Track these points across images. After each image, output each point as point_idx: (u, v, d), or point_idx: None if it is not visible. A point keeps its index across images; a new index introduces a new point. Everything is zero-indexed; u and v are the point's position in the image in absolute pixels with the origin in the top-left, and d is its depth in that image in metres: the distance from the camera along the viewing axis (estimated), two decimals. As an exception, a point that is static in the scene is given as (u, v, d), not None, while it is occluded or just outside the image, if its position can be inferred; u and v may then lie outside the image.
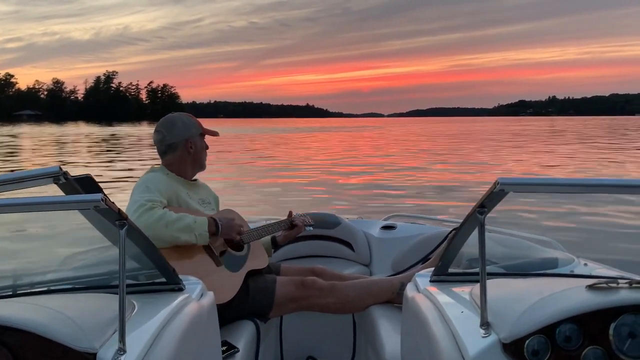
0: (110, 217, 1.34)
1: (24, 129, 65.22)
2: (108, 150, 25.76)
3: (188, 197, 2.57)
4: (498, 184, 1.36)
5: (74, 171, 1.70)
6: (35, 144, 32.69)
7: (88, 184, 1.64)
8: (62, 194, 1.54)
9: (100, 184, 1.72)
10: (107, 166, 17.94)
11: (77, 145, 31.60)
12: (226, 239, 2.54)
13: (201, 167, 2.73)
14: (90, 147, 30.42)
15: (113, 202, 1.33)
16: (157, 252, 1.67)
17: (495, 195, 1.40)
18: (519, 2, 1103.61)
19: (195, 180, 2.74)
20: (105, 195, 1.33)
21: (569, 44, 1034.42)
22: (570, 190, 1.52)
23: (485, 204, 1.44)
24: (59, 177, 1.50)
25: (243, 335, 2.33)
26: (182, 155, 2.64)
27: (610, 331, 1.28)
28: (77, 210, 1.44)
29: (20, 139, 40.55)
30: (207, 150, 2.75)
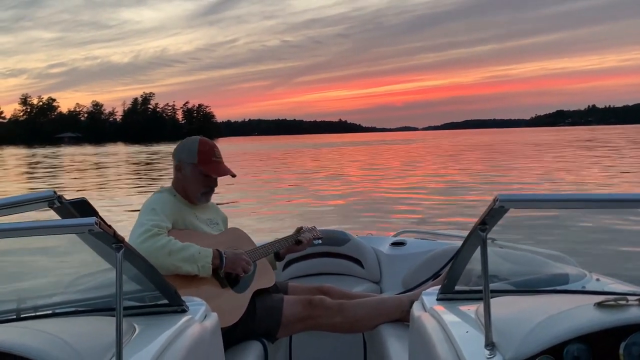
0: (106, 240, 1.35)
1: (67, 150, 67.07)
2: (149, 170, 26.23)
3: (195, 217, 2.57)
4: (497, 200, 1.33)
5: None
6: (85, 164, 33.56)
7: (83, 207, 1.66)
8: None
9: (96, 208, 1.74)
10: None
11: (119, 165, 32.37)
12: (228, 271, 2.45)
13: (187, 197, 2.58)
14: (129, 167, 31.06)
15: (110, 226, 1.33)
16: (158, 274, 1.67)
17: (495, 212, 1.37)
18: (554, 12, 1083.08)
19: None
20: (100, 218, 1.34)
21: (608, 51, 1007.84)
22: (570, 205, 1.48)
23: (487, 221, 1.41)
24: (53, 201, 1.53)
25: (250, 357, 2.31)
26: (178, 177, 2.62)
27: (621, 350, 1.24)
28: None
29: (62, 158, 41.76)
30: (206, 185, 2.58)
